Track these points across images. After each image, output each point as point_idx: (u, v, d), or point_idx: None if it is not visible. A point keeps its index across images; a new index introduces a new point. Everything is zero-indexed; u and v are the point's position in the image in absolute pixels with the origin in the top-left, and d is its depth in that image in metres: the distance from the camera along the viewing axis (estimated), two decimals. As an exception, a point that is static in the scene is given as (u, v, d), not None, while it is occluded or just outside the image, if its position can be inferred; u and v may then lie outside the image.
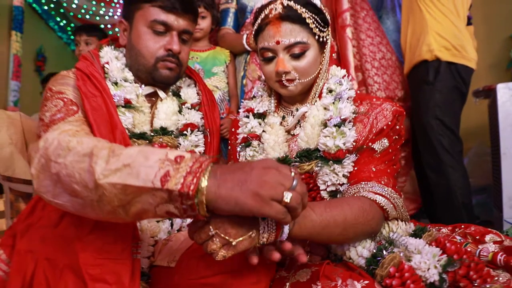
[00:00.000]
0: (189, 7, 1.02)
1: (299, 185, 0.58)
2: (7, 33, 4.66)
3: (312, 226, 0.69)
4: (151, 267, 0.84)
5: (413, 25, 1.90)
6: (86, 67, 0.93)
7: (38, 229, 0.73)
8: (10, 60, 4.73)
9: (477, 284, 0.71)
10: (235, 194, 0.57)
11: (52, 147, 0.66)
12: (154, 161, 0.60)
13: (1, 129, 1.51)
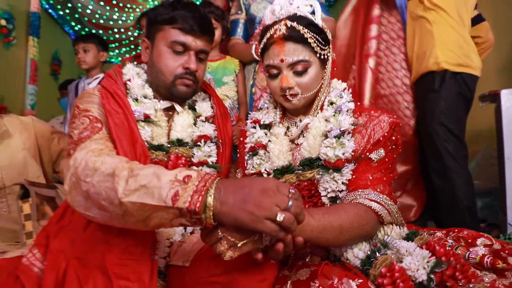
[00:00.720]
0: (206, 29, 1.12)
1: (293, 206, 0.67)
2: (24, 38, 4.83)
3: (310, 230, 0.78)
4: (167, 266, 0.93)
5: (420, 37, 1.95)
6: (110, 85, 1.03)
7: (68, 231, 0.84)
8: (27, 64, 4.90)
9: (461, 284, 0.79)
10: (234, 212, 0.67)
11: (80, 167, 0.78)
12: (165, 182, 0.70)
13: (14, 135, 1.60)
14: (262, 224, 0.66)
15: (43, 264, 0.83)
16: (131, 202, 0.71)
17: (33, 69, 4.88)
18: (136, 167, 0.75)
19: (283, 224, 0.66)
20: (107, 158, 0.79)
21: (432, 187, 2.04)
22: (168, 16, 1.08)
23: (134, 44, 6.21)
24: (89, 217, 0.78)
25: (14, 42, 4.43)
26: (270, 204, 0.66)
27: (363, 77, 1.89)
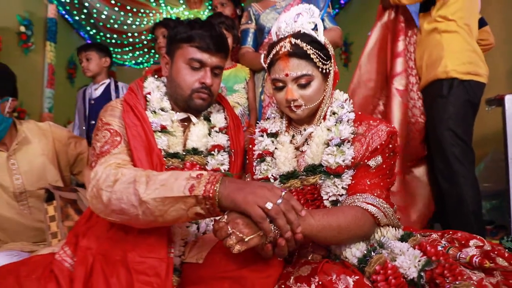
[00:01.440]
0: (221, 47, 1.21)
1: (282, 204, 0.81)
2: (42, 43, 5.01)
3: (310, 229, 0.88)
4: (182, 264, 1.04)
5: (430, 47, 2.01)
6: (131, 99, 1.15)
7: (95, 231, 0.96)
8: (45, 69, 5.08)
9: (449, 281, 0.87)
10: (232, 195, 0.83)
11: (101, 180, 0.92)
12: (182, 179, 0.86)
13: (33, 141, 1.68)
14: (252, 207, 0.80)
15: (73, 260, 0.95)
16: (152, 199, 0.85)
17: (50, 73, 5.07)
18: (152, 174, 0.90)
19: (269, 212, 0.79)
20: (125, 170, 0.94)
21: (439, 191, 2.10)
22: (187, 35, 1.18)
23: (147, 48, 6.37)
24: (110, 220, 0.92)
25: (32, 47, 4.61)
26: (263, 194, 0.81)
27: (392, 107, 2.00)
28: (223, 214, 0.84)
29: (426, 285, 0.90)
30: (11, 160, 1.58)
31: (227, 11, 2.50)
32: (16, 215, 1.57)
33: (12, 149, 1.58)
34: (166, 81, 1.27)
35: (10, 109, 1.55)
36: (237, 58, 2.14)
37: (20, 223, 1.57)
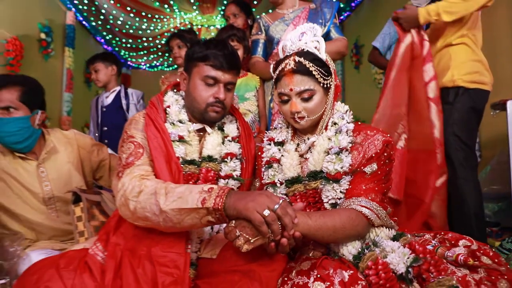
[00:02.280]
0: (233, 65, 1.34)
1: (279, 209, 0.95)
2: (61, 49, 5.24)
3: (308, 228, 1.01)
4: (198, 259, 1.18)
5: (439, 58, 2.12)
6: (152, 113, 1.30)
7: (123, 230, 1.11)
8: (63, 73, 5.32)
9: (433, 276, 0.99)
10: (235, 204, 0.99)
11: (128, 190, 1.10)
12: (195, 192, 1.02)
13: (60, 150, 1.80)
14: (252, 213, 0.94)
15: (104, 254, 1.10)
16: (170, 209, 1.01)
17: (68, 77, 5.30)
18: (170, 187, 1.06)
19: (267, 218, 0.94)
20: (147, 182, 1.10)
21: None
22: (202, 54, 1.32)
23: (161, 51, 6.58)
24: (136, 224, 1.10)
25: (52, 53, 4.84)
26: (262, 201, 0.96)
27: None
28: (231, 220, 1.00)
29: (413, 279, 1.03)
30: (41, 168, 1.72)
31: (239, 21, 2.65)
32: (45, 218, 1.71)
33: (42, 158, 1.72)
34: (184, 95, 1.41)
35: (39, 122, 1.69)
36: (248, 67, 2.28)
37: (48, 226, 1.72)
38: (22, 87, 1.62)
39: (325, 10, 2.18)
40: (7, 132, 1.58)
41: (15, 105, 1.59)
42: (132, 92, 3.15)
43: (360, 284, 0.98)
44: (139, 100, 3.14)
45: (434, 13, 1.93)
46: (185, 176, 1.27)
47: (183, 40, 2.58)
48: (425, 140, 2.00)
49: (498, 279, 1.02)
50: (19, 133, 1.60)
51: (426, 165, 1.98)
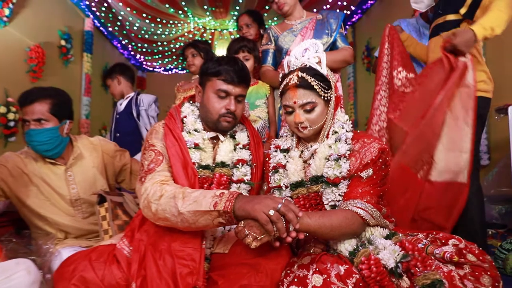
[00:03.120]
0: (243, 79, 1.49)
1: (282, 208, 1.09)
2: (80, 55, 5.49)
3: (308, 227, 1.16)
4: (211, 254, 1.34)
5: None
6: (170, 123, 1.47)
7: (146, 228, 1.28)
8: (82, 78, 5.57)
9: (420, 270, 1.13)
10: (244, 206, 1.12)
11: (150, 194, 1.26)
12: (209, 197, 1.18)
13: (86, 155, 1.98)
14: (259, 214, 1.09)
15: (130, 248, 1.28)
16: (187, 211, 1.17)
17: (87, 82, 5.55)
18: (187, 192, 1.22)
19: (272, 217, 1.08)
20: (167, 187, 1.26)
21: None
22: (215, 70, 1.47)
23: (175, 55, 6.80)
24: (157, 224, 1.27)
25: (71, 59, 5.09)
26: (267, 203, 1.10)
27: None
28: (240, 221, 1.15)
29: (403, 274, 1.16)
30: (69, 172, 1.90)
31: (251, 31, 2.82)
32: (71, 220, 1.89)
33: (69, 163, 1.91)
34: (199, 106, 1.57)
35: (67, 130, 1.86)
36: (258, 76, 2.43)
37: (75, 227, 1.90)
38: (52, 100, 1.78)
39: (331, 21, 2.31)
40: (38, 141, 1.76)
41: (45, 117, 1.75)
42: (142, 98, 3.31)
43: (354, 277, 1.13)
44: (150, 104, 3.30)
45: (489, 28, 1.88)
46: (200, 180, 1.43)
47: (197, 49, 2.75)
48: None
49: (482, 274, 1.15)
50: (49, 142, 1.78)
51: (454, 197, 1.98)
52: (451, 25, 2.15)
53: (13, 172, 1.79)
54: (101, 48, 6.06)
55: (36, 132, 1.74)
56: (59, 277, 1.19)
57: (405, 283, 1.15)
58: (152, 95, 3.41)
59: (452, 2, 2.14)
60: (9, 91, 3.72)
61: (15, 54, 3.91)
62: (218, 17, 5.37)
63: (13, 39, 3.85)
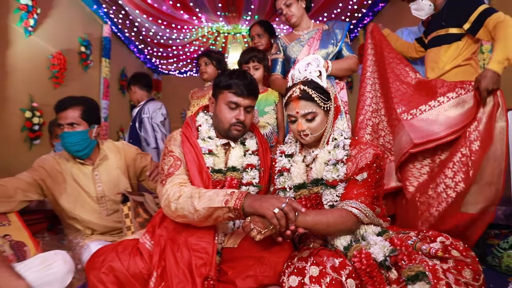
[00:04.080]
0: (251, 92, 1.67)
1: (285, 207, 1.27)
2: (98, 60, 5.76)
3: (306, 224, 1.33)
4: (222, 248, 1.53)
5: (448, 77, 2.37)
6: (187, 132, 1.66)
7: (166, 224, 1.48)
8: (101, 82, 5.84)
9: (405, 264, 1.29)
10: (252, 204, 1.30)
11: (170, 195, 1.45)
12: (221, 195, 1.36)
13: (110, 157, 2.22)
14: (265, 211, 1.27)
15: (151, 243, 1.47)
16: (203, 208, 1.36)
17: (105, 86, 5.82)
18: (202, 192, 1.41)
19: (276, 215, 1.26)
20: (185, 188, 1.45)
21: None
22: (226, 83, 1.65)
23: (190, 59, 7.02)
24: (176, 221, 1.47)
25: (91, 64, 5.36)
26: (272, 203, 1.28)
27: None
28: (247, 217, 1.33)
29: (391, 266, 1.32)
30: (95, 172, 2.14)
31: (263, 40, 3.01)
32: (97, 217, 2.11)
33: (96, 164, 2.15)
34: (212, 116, 1.76)
35: (95, 134, 2.11)
36: (268, 84, 2.61)
37: (100, 224, 2.12)
38: (83, 106, 2.05)
39: (337, 31, 2.47)
40: (70, 142, 2.02)
41: (77, 121, 2.02)
42: (148, 106, 3.53)
43: (347, 269, 1.30)
44: (154, 111, 3.50)
45: (504, 60, 2.02)
46: (213, 183, 1.62)
47: (210, 58, 2.96)
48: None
49: (464, 268, 1.30)
50: (79, 144, 2.04)
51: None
52: (453, 38, 2.29)
53: (51, 173, 2.05)
54: (118, 53, 6.32)
55: (68, 135, 2.01)
56: (91, 267, 1.40)
57: (393, 275, 1.31)
58: (158, 102, 3.61)
59: (455, 16, 2.27)
60: (33, 97, 4.00)
61: (39, 62, 4.18)
62: (231, 22, 5.56)
63: (37, 47, 4.12)
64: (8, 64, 3.63)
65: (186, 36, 5.95)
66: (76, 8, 4.99)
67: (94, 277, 1.36)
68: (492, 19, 2.11)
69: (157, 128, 3.43)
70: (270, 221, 1.27)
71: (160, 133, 3.35)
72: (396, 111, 2.30)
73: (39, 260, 1.35)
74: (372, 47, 2.58)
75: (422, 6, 2.43)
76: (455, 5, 2.29)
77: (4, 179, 1.91)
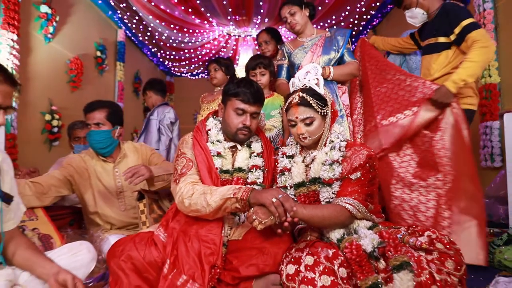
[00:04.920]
0: (257, 99, 1.84)
1: (281, 198, 1.46)
2: (113, 64, 6.01)
3: (302, 216, 1.51)
4: (228, 241, 1.70)
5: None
6: (197, 135, 1.85)
7: (178, 218, 1.67)
8: (115, 85, 6.08)
9: (391, 254, 1.44)
10: (256, 195, 1.50)
11: (184, 192, 1.63)
12: (230, 189, 1.55)
13: (129, 156, 2.45)
14: (265, 199, 1.47)
15: (165, 235, 1.66)
16: (214, 201, 1.55)
17: (120, 89, 6.06)
18: (214, 189, 1.60)
19: (274, 203, 1.45)
20: (197, 187, 1.64)
21: None
22: (234, 91, 1.83)
23: (201, 61, 7.24)
24: (189, 215, 1.66)
25: (106, 68, 5.61)
26: (271, 193, 1.48)
27: None
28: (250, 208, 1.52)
29: (380, 257, 1.48)
30: (116, 168, 2.37)
31: (270, 47, 3.20)
32: (115, 212, 2.33)
33: (117, 161, 2.39)
34: (221, 121, 1.94)
35: (118, 134, 2.36)
36: (274, 88, 2.78)
37: (118, 219, 2.35)
38: (108, 109, 2.31)
39: (339, 38, 2.63)
40: (96, 140, 2.28)
41: (102, 122, 2.28)
42: (158, 109, 3.72)
43: (339, 259, 1.46)
44: (163, 114, 3.66)
45: (460, 81, 2.26)
46: (221, 182, 1.80)
47: (219, 64, 3.15)
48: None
49: (447, 259, 1.44)
50: (103, 141, 2.30)
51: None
52: (443, 47, 2.46)
53: (78, 169, 2.30)
54: (132, 57, 6.59)
55: (95, 133, 2.27)
56: (111, 255, 1.59)
57: (382, 265, 1.47)
58: (168, 107, 3.80)
59: (445, 26, 2.44)
60: (52, 101, 4.25)
61: (58, 67, 4.44)
62: (241, 26, 5.74)
63: (55, 53, 4.37)
64: (29, 70, 3.89)
65: (198, 39, 6.15)
66: (92, 14, 5.24)
67: (114, 264, 1.55)
68: (470, 36, 2.30)
69: (163, 130, 3.62)
70: (269, 208, 1.46)
71: (165, 136, 3.55)
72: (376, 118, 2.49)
73: (67, 249, 1.55)
74: (359, 59, 2.78)
75: (416, 14, 2.58)
76: (445, 16, 2.45)
77: (39, 177, 2.18)
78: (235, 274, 1.54)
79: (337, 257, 1.47)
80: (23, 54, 3.60)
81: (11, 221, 1.39)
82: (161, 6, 4.90)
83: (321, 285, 1.38)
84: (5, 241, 1.37)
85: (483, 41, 2.25)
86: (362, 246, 1.49)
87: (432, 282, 1.39)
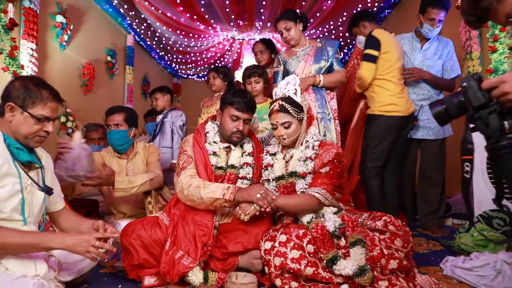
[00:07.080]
0: (250, 108, 2.23)
1: (264, 193, 1.88)
2: (123, 68, 6.44)
3: (279, 204, 1.92)
4: (220, 224, 2.11)
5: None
6: (197, 137, 2.26)
7: (179, 206, 2.09)
8: (125, 88, 6.51)
9: (349, 233, 1.83)
10: (241, 194, 1.92)
11: (183, 183, 2.03)
12: (220, 189, 1.96)
13: (140, 153, 2.87)
14: (251, 197, 1.89)
15: (167, 219, 2.07)
16: (206, 197, 1.94)
17: (129, 91, 6.50)
18: (207, 184, 1.99)
19: (260, 198, 1.86)
20: (194, 180, 2.03)
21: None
22: (230, 100, 2.22)
23: (207, 64, 7.66)
24: (187, 204, 2.05)
25: (116, 72, 6.05)
26: (255, 190, 1.89)
27: None
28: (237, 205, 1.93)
29: (341, 236, 1.87)
30: (129, 164, 2.81)
31: (264, 56, 3.61)
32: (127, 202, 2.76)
33: (130, 158, 2.82)
34: (219, 124, 2.33)
35: (133, 135, 2.80)
36: (269, 93, 3.17)
37: (129, 208, 2.78)
38: (126, 112, 2.77)
39: (328, 48, 3.01)
40: (114, 138, 2.74)
41: (121, 123, 2.73)
42: (172, 113, 4.09)
43: (308, 237, 1.86)
44: (176, 117, 4.02)
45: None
46: (216, 177, 2.20)
47: (217, 72, 3.56)
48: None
49: (396, 238, 1.82)
50: (120, 140, 2.74)
51: None
52: None
53: (99, 166, 2.68)
54: (140, 60, 7.03)
55: (114, 132, 2.73)
56: (124, 234, 2.01)
57: (342, 242, 1.85)
58: (179, 111, 4.19)
59: None
60: (67, 104, 4.68)
61: (72, 72, 4.88)
62: (243, 31, 6.14)
63: (70, 59, 4.81)
64: (46, 76, 4.32)
65: (203, 43, 6.57)
66: (103, 22, 5.69)
67: (126, 241, 1.98)
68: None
69: (176, 131, 4.03)
70: (257, 203, 1.88)
71: (177, 135, 3.95)
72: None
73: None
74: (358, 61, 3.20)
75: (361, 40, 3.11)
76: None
77: None
78: (224, 251, 1.95)
79: (306, 236, 1.86)
80: (40, 61, 4.02)
81: (58, 204, 1.82)
82: (168, 14, 5.32)
83: (291, 257, 1.78)
84: (56, 217, 1.82)
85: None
86: (326, 227, 1.88)
87: (381, 256, 1.77)
